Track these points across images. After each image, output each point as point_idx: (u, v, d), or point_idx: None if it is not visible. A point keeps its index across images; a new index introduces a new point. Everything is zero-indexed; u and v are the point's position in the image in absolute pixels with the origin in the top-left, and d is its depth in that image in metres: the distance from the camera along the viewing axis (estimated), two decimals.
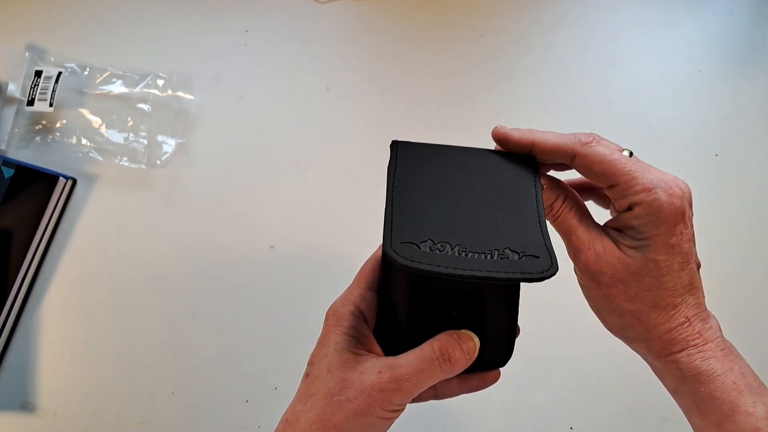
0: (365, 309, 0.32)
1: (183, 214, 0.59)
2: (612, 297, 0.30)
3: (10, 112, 0.59)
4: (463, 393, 0.34)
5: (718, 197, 0.62)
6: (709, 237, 0.61)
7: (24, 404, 0.53)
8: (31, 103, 0.59)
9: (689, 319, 0.29)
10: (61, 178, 0.57)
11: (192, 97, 0.62)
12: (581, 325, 0.57)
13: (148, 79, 0.62)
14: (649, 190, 0.28)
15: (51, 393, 0.53)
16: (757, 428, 0.27)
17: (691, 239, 0.29)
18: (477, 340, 0.31)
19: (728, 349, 0.29)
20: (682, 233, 0.29)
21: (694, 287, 0.30)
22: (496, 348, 0.33)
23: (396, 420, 0.30)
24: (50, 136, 0.59)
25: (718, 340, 0.29)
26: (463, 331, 0.31)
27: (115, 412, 0.53)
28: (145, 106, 0.61)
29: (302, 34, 0.66)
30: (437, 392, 0.33)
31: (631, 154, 0.31)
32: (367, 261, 0.34)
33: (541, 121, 0.64)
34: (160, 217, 0.58)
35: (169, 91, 0.61)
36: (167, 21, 0.65)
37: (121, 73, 0.62)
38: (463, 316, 0.32)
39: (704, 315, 0.30)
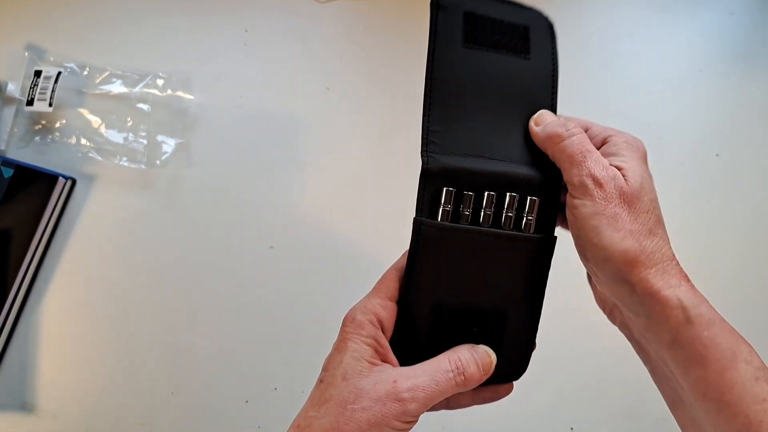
0: (384, 319, 0.31)
1: (183, 214, 0.59)
2: (620, 218, 0.29)
3: (9, 112, 0.59)
4: (475, 404, 0.34)
5: (718, 197, 0.62)
6: (709, 237, 0.61)
7: (24, 404, 0.53)
8: (30, 103, 0.58)
9: (674, 258, 0.30)
10: (60, 178, 0.57)
11: (192, 97, 0.62)
12: (581, 325, 0.57)
13: (148, 78, 0.61)
14: (619, 132, 0.33)
15: (51, 393, 0.53)
16: (757, 377, 0.27)
17: (653, 185, 0.31)
18: (494, 356, 0.32)
19: None
20: (649, 171, 0.31)
21: (664, 225, 0.31)
22: (512, 362, 0.33)
23: None
24: (50, 136, 0.59)
25: (702, 294, 0.30)
26: (480, 346, 0.32)
27: (115, 412, 0.53)
28: (144, 106, 0.61)
29: (302, 34, 0.66)
30: (449, 403, 0.34)
31: None
32: (389, 270, 0.33)
33: None
34: (160, 217, 0.58)
35: (169, 91, 0.61)
36: (167, 21, 0.65)
37: (120, 72, 0.62)
38: (483, 331, 0.32)
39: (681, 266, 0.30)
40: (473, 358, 0.31)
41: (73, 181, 0.59)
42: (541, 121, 0.32)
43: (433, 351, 0.31)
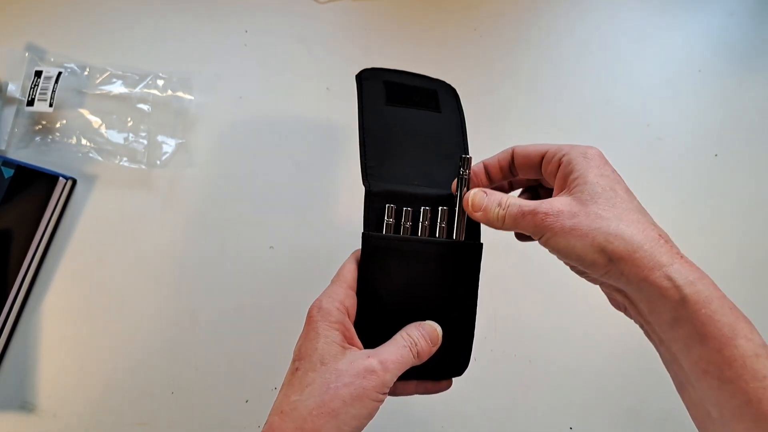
0: (349, 306, 0.35)
1: (183, 214, 0.59)
2: (580, 225, 0.31)
3: (10, 112, 0.59)
4: (418, 393, 0.38)
5: (717, 197, 0.62)
6: (709, 237, 0.61)
7: (24, 404, 0.53)
8: (31, 103, 0.59)
9: (662, 236, 0.30)
10: (61, 178, 0.57)
11: (192, 97, 0.62)
12: (581, 325, 0.57)
13: (148, 79, 0.62)
14: (572, 147, 0.34)
15: (51, 393, 0.53)
16: (758, 354, 0.27)
17: (622, 180, 0.33)
18: (439, 329, 0.36)
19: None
20: (614, 172, 0.33)
21: (647, 213, 0.32)
22: (455, 358, 0.38)
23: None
24: (50, 136, 0.59)
25: (701, 271, 0.29)
26: (427, 322, 0.36)
27: (115, 412, 0.53)
28: (145, 106, 0.61)
29: (302, 34, 0.66)
30: (396, 390, 0.37)
31: None
32: (345, 263, 0.37)
33: (542, 122, 0.64)
34: (160, 217, 0.58)
35: (169, 91, 0.62)
36: (167, 21, 0.65)
37: (120, 73, 0.62)
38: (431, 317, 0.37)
39: (676, 246, 0.30)
40: (421, 334, 0.35)
41: (74, 181, 0.59)
42: (478, 207, 0.35)
43: (389, 336, 0.35)
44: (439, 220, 0.38)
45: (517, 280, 0.58)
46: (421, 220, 0.37)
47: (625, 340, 0.56)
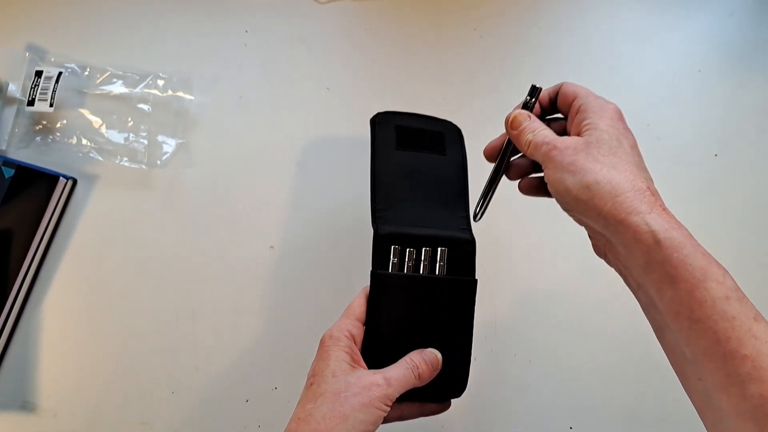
0: (355, 335, 0.39)
1: (183, 214, 0.59)
2: (577, 163, 0.33)
3: (10, 112, 0.59)
4: (423, 416, 0.41)
5: (717, 197, 0.62)
6: (708, 237, 0.61)
7: (24, 404, 0.53)
8: (31, 103, 0.59)
9: (649, 189, 0.32)
10: (61, 178, 0.57)
11: (192, 97, 0.62)
12: (581, 325, 0.57)
13: (149, 79, 0.62)
14: (595, 97, 0.38)
15: (51, 393, 0.53)
16: (728, 296, 0.28)
17: (631, 137, 0.35)
18: (439, 355, 0.40)
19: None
20: (626, 129, 0.35)
21: (646, 171, 0.34)
22: (453, 381, 0.41)
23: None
24: (50, 136, 0.60)
25: (679, 223, 0.31)
26: (428, 349, 0.40)
27: (115, 412, 0.53)
28: (145, 106, 0.61)
29: (302, 34, 0.66)
30: (402, 414, 0.41)
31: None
32: (356, 298, 0.42)
33: None
34: (160, 217, 0.58)
35: (169, 91, 0.62)
36: (167, 21, 0.65)
37: (121, 73, 0.62)
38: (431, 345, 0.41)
39: (661, 200, 0.32)
40: (422, 359, 0.39)
41: (74, 181, 0.59)
42: (517, 126, 0.39)
43: (393, 361, 0.39)
44: (438, 260, 0.42)
45: (517, 280, 0.58)
46: (422, 259, 0.42)
47: (626, 341, 0.56)
